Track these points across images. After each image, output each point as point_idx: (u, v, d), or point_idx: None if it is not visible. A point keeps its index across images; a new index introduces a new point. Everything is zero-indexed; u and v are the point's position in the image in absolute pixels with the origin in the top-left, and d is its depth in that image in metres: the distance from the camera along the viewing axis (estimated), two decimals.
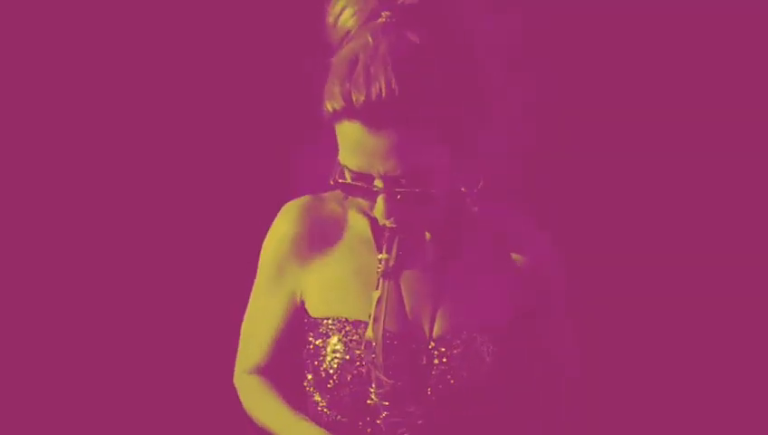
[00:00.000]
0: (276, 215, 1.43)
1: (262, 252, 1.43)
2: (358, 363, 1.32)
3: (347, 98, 1.18)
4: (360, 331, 1.32)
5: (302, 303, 1.40)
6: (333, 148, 1.25)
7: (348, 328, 1.33)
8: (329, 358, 1.34)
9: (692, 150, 2.08)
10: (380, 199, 1.23)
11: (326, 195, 1.41)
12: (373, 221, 1.33)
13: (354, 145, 1.21)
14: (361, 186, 1.24)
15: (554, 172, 2.09)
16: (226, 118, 2.09)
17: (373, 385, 1.28)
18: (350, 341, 1.33)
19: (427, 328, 1.34)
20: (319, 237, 1.39)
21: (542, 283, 1.40)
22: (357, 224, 1.39)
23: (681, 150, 2.08)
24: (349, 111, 1.19)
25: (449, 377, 1.32)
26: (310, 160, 1.95)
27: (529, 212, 1.52)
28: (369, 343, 1.26)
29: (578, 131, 2.08)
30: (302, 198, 1.42)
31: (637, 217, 2.10)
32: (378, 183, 1.22)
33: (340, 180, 1.26)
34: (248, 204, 1.96)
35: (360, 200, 1.30)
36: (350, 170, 1.24)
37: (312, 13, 1.30)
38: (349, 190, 1.26)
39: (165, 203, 2.09)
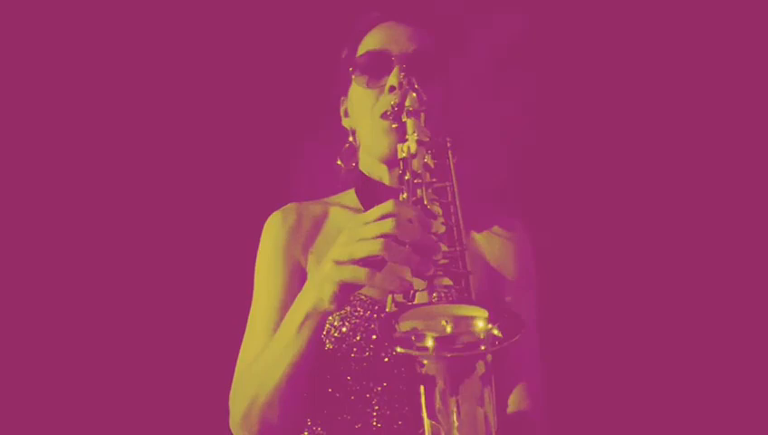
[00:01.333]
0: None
1: (259, 249, 1.52)
2: (358, 337, 1.38)
3: (382, 7, 1.52)
4: (357, 305, 1.40)
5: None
6: (332, 150, 1.27)
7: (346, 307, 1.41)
8: (330, 330, 1.41)
9: (692, 151, 2.08)
10: (395, 70, 1.45)
11: (307, 202, 1.57)
12: (362, 194, 1.50)
13: (379, 36, 1.51)
14: (376, 65, 1.47)
15: (551, 171, 2.09)
16: (226, 118, 2.09)
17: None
18: (347, 315, 1.41)
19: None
20: (307, 229, 1.51)
21: (516, 285, 1.48)
22: (339, 215, 1.53)
23: (681, 151, 2.09)
24: (382, 16, 1.53)
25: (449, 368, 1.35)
26: (308, 161, 1.96)
27: (522, 210, 1.55)
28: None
29: (577, 132, 2.09)
30: (289, 204, 1.57)
31: (636, 217, 2.10)
32: (395, 54, 1.47)
33: (358, 58, 1.50)
34: (247, 205, 1.95)
35: (346, 201, 1.51)
36: (369, 52, 1.50)
37: (310, 14, 1.30)
38: (369, 61, 1.49)
39: (164, 204, 2.09)
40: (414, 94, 1.36)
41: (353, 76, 1.50)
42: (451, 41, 1.54)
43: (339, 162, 1.55)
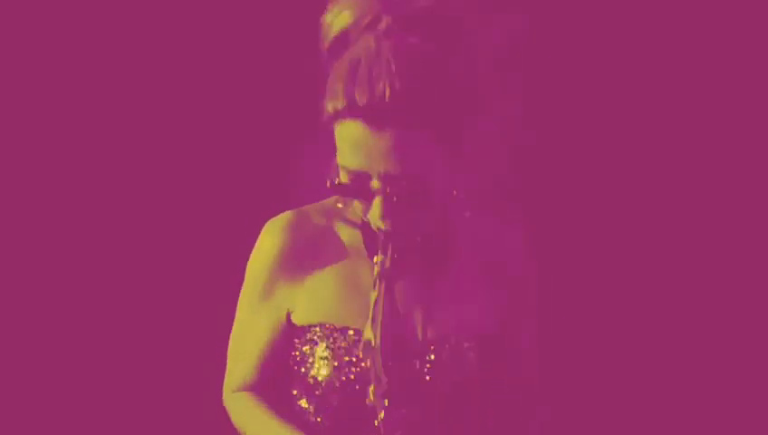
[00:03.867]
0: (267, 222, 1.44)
1: (247, 269, 1.44)
2: (346, 370, 1.33)
3: (350, 97, 1.19)
4: (347, 337, 1.34)
5: (289, 315, 1.40)
6: (332, 150, 1.26)
7: (335, 335, 1.34)
8: (317, 365, 1.35)
9: (692, 151, 2.08)
10: (377, 201, 1.23)
11: (308, 208, 1.43)
12: (365, 227, 1.35)
13: (354, 145, 1.21)
14: (358, 188, 1.24)
15: (550, 175, 2.09)
16: (225, 118, 2.09)
17: (372, 386, 1.28)
18: (338, 348, 1.34)
19: (419, 331, 1.36)
20: (304, 251, 1.39)
21: (518, 298, 1.43)
22: (342, 234, 1.40)
23: (681, 151, 2.08)
24: (351, 111, 1.19)
25: (438, 380, 1.33)
26: (308, 161, 1.96)
27: (522, 217, 1.53)
28: (367, 343, 1.26)
29: (576, 133, 2.09)
30: (285, 213, 1.43)
31: (636, 219, 2.10)
32: (375, 183, 1.23)
33: (336, 182, 1.26)
34: (247, 205, 1.95)
35: (348, 211, 1.35)
36: (348, 171, 1.24)
37: (310, 14, 1.29)
38: (345, 192, 1.27)
39: (162, 206, 2.09)
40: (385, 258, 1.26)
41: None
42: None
43: (328, 184, 1.34)
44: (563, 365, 1.97)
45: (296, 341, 1.38)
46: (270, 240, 1.40)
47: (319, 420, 1.36)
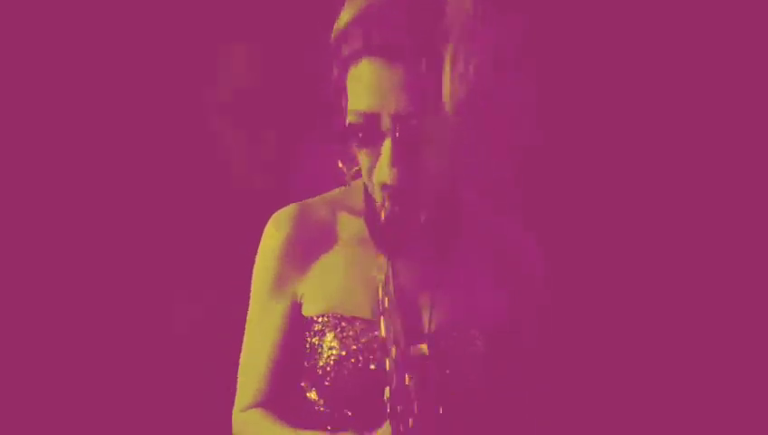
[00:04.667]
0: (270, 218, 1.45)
1: (255, 266, 1.44)
2: (354, 359, 1.33)
3: (366, 34, 1.22)
4: (355, 326, 1.34)
5: (299, 307, 1.40)
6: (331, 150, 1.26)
7: (343, 324, 1.35)
8: (325, 355, 1.35)
9: (691, 151, 2.08)
10: (386, 146, 1.24)
11: (312, 200, 1.44)
12: (368, 215, 1.36)
13: (367, 85, 1.23)
14: (369, 131, 1.25)
15: (554, 173, 2.09)
16: (225, 117, 2.09)
17: (389, 387, 1.24)
18: (346, 337, 1.34)
19: (425, 318, 1.36)
20: (309, 242, 1.40)
21: (526, 297, 1.43)
22: (347, 225, 1.41)
23: (681, 151, 2.08)
24: (368, 48, 1.22)
25: (446, 371, 1.33)
26: (308, 161, 1.96)
27: (524, 210, 1.53)
28: (379, 339, 1.26)
29: (577, 133, 2.09)
30: (289, 206, 1.43)
31: (636, 219, 2.10)
32: (386, 123, 1.23)
33: (349, 122, 1.26)
34: (247, 205, 1.95)
35: (351, 199, 1.38)
36: (359, 114, 1.25)
37: (310, 12, 1.30)
38: (356, 137, 1.27)
39: (160, 205, 2.09)
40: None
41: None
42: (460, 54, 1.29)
43: (340, 164, 1.43)
44: (565, 366, 1.97)
45: (306, 333, 1.38)
46: (275, 233, 1.41)
47: (327, 410, 1.36)
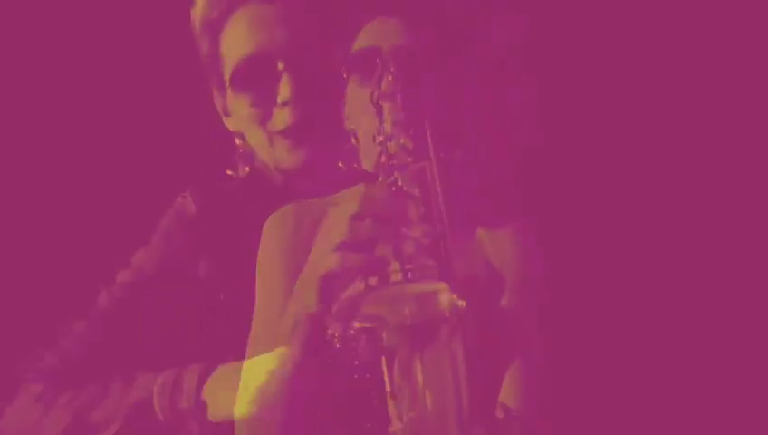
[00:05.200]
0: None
1: (258, 269, 1.47)
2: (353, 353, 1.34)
3: None
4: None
5: None
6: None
7: None
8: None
9: (692, 152, 2.08)
10: (384, 81, 1.31)
11: (308, 201, 1.51)
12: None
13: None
14: (368, 62, 1.36)
15: (553, 173, 2.09)
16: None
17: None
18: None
19: None
20: (307, 238, 1.43)
21: (528, 296, 1.46)
22: (342, 222, 1.42)
23: (681, 152, 2.09)
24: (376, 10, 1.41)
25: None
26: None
27: (523, 210, 1.53)
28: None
29: (578, 133, 2.09)
30: (285, 206, 1.50)
31: (636, 219, 2.10)
32: (385, 54, 1.35)
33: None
34: (247, 205, 1.95)
35: (348, 199, 1.43)
36: (361, 49, 1.40)
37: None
38: (357, 65, 1.40)
39: (161, 205, 2.09)
40: (390, 77, 1.31)
41: (348, 78, 1.45)
42: (452, 31, 1.46)
43: (340, 164, 1.51)
44: (565, 366, 1.96)
45: None
46: (274, 232, 1.46)
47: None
